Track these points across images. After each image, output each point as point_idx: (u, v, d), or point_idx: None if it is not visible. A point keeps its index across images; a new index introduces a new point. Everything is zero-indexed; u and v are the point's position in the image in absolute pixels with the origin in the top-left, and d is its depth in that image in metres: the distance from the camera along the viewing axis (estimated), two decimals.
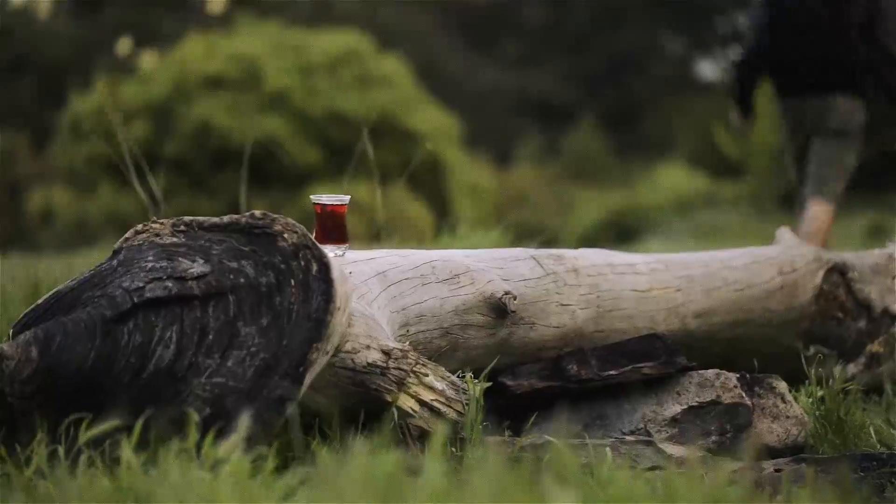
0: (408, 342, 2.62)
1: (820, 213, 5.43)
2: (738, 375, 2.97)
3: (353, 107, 15.38)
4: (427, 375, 2.54)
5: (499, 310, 2.87)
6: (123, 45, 22.41)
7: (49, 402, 2.26)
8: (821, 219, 5.41)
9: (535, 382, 2.91)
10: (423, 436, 2.49)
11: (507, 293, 2.87)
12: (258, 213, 2.46)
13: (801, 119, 5.62)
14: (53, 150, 17.86)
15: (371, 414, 2.48)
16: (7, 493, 2.12)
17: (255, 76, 15.93)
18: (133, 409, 2.20)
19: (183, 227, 2.51)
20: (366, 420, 2.47)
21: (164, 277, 2.36)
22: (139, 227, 2.55)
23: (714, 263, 3.53)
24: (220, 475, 1.94)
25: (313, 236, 2.48)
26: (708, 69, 30.63)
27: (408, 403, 2.50)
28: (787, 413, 2.98)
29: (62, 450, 2.15)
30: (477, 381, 2.61)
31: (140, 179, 4.17)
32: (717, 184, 18.91)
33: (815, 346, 3.60)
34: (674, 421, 2.88)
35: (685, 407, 2.90)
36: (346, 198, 2.80)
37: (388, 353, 2.48)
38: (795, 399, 3.06)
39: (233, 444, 2.03)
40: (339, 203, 2.78)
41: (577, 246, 3.37)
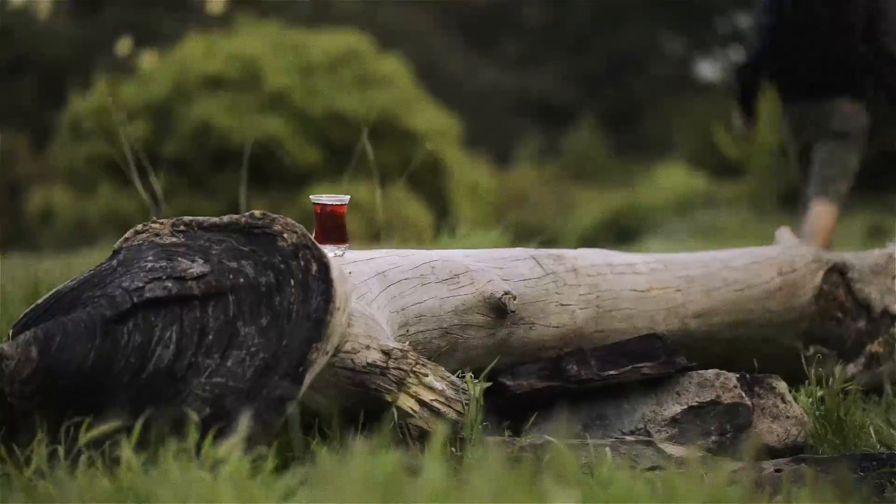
0: (407, 342, 2.62)
1: (823, 214, 5.44)
2: (738, 375, 2.97)
3: (353, 107, 15.36)
4: (427, 375, 2.54)
5: (498, 310, 2.87)
6: (123, 45, 22.39)
7: (49, 402, 2.25)
8: (824, 219, 5.43)
9: (534, 382, 2.91)
10: (423, 436, 2.49)
11: (506, 293, 2.87)
12: (258, 213, 2.46)
13: (803, 122, 5.64)
14: (53, 150, 17.85)
15: (371, 414, 2.48)
16: (7, 493, 2.12)
17: (255, 76, 15.91)
18: (133, 409, 2.20)
19: (182, 227, 2.51)
20: (366, 420, 2.47)
21: (164, 277, 2.36)
22: (139, 227, 2.55)
23: (714, 263, 3.53)
24: (220, 475, 1.94)
25: (313, 236, 2.48)
26: (708, 69, 30.63)
27: (408, 403, 2.50)
28: (786, 413, 2.98)
29: (62, 450, 2.15)
30: (477, 381, 2.60)
31: (141, 179, 4.17)
32: (716, 184, 18.90)
33: (814, 346, 3.60)
34: (674, 421, 2.88)
35: (685, 407, 2.90)
36: (346, 198, 2.80)
37: (387, 353, 2.48)
38: (795, 399, 3.06)
39: (233, 444, 2.03)
40: (338, 203, 2.78)
41: (576, 246, 3.37)
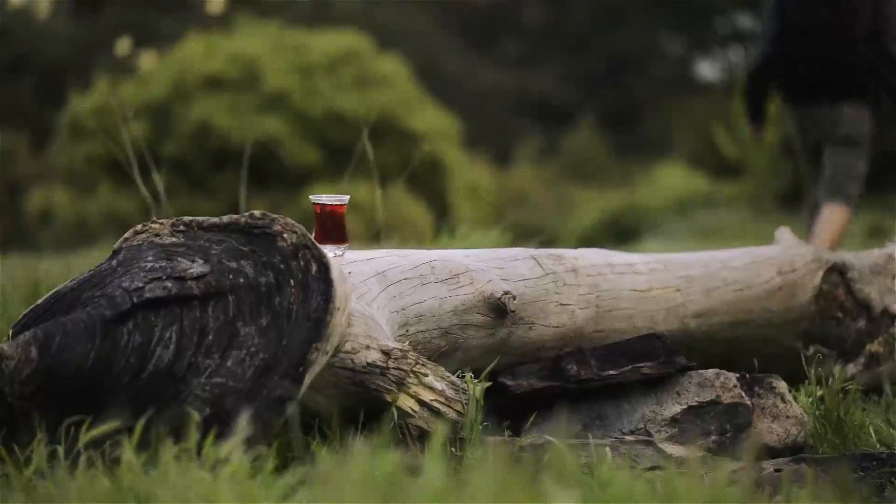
0: (407, 342, 2.62)
1: (834, 217, 5.48)
2: (738, 375, 2.97)
3: (352, 107, 15.36)
4: (427, 375, 2.54)
5: (498, 310, 2.87)
6: (123, 45, 22.39)
7: (49, 402, 2.25)
8: (835, 222, 5.46)
9: (534, 382, 2.90)
10: (423, 436, 2.49)
11: (506, 293, 2.87)
12: (258, 213, 2.46)
13: (809, 127, 5.67)
14: (53, 150, 17.85)
15: (371, 414, 2.48)
16: (7, 493, 2.12)
17: (255, 76, 15.92)
18: (133, 410, 2.20)
19: (182, 227, 2.51)
20: (366, 420, 2.47)
21: (164, 277, 2.36)
22: (139, 227, 2.55)
23: (714, 263, 3.53)
24: (220, 475, 1.94)
25: (313, 236, 2.48)
26: (708, 69, 30.64)
27: (407, 403, 2.50)
28: (786, 413, 2.98)
29: (62, 450, 2.15)
30: (477, 381, 2.60)
31: (142, 177, 4.17)
32: (716, 184, 18.91)
33: (814, 346, 3.60)
34: (674, 421, 2.88)
35: (685, 407, 2.90)
36: (346, 198, 2.80)
37: (387, 353, 2.48)
38: (795, 399, 3.06)
39: (233, 444, 2.03)
40: (338, 203, 2.78)
41: (576, 246, 3.37)
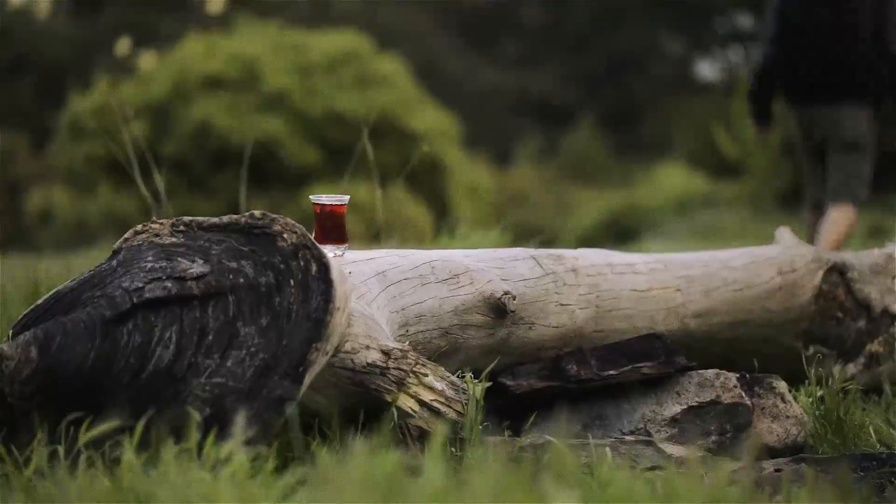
0: (407, 342, 2.62)
1: (840, 218, 5.50)
2: (738, 375, 2.97)
3: (352, 107, 15.35)
4: (427, 375, 2.54)
5: (498, 310, 2.87)
6: (123, 45, 22.38)
7: (49, 402, 2.25)
8: (840, 223, 5.47)
9: (534, 382, 2.90)
10: (423, 436, 2.49)
11: (506, 293, 2.87)
12: (257, 213, 2.46)
13: (811, 127, 5.68)
14: (53, 150, 17.84)
15: (371, 414, 2.48)
16: (7, 493, 2.12)
17: (255, 76, 15.91)
18: (133, 410, 2.20)
19: (182, 228, 2.51)
20: (366, 420, 2.47)
21: (164, 277, 2.36)
22: (138, 227, 2.55)
23: (714, 263, 3.53)
24: (221, 475, 1.94)
25: (313, 236, 2.48)
26: (707, 69, 30.63)
27: (407, 403, 2.50)
28: (786, 413, 2.98)
29: (62, 450, 2.15)
30: (477, 381, 2.60)
31: (142, 177, 4.17)
32: (716, 184, 18.90)
33: (814, 346, 3.60)
34: (673, 421, 2.88)
35: (685, 407, 2.90)
36: (346, 198, 2.80)
37: (387, 354, 2.48)
38: (795, 399, 3.06)
39: (233, 444, 2.03)
40: (338, 203, 2.78)
41: (576, 246, 3.37)
